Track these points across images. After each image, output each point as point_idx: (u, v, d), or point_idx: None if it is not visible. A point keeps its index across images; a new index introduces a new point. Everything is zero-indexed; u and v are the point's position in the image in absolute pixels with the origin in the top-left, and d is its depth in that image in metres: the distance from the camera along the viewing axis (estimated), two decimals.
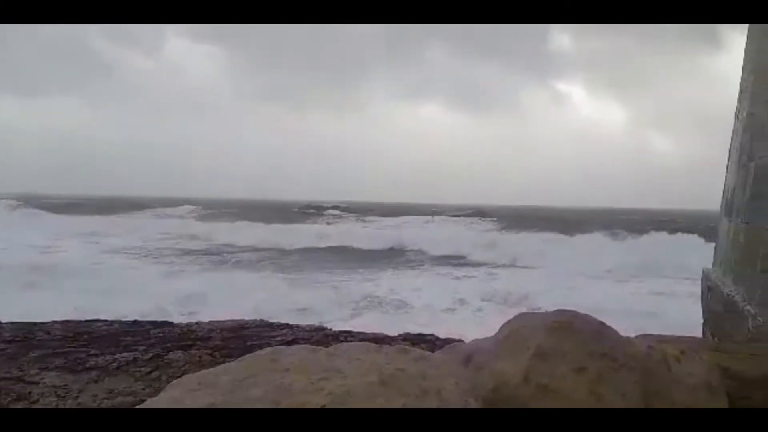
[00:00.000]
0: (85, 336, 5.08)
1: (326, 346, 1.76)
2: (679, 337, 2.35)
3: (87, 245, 28.38)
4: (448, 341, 5.06)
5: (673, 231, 33.67)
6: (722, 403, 1.73)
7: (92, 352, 4.58)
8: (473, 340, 1.97)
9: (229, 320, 7.15)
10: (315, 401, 1.31)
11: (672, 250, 23.92)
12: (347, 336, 5.92)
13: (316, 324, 7.10)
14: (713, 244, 5.36)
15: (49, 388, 3.63)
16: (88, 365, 4.13)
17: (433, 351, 1.90)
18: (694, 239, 26.22)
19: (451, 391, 1.43)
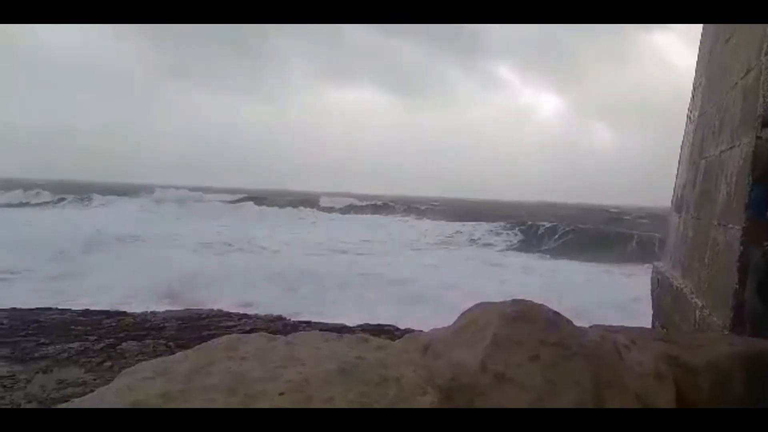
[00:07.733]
0: (34, 325, 4.93)
1: (285, 336, 1.75)
2: (630, 328, 2.42)
3: None
4: (407, 331, 5.10)
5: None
6: (670, 390, 1.79)
7: (41, 341, 4.44)
8: (432, 329, 1.98)
9: (184, 309, 7.02)
10: (272, 389, 1.29)
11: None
12: (306, 326, 5.90)
13: (274, 314, 7.07)
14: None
15: None
16: (37, 355, 4.01)
17: (393, 341, 1.91)
18: None
19: (410, 380, 1.44)
